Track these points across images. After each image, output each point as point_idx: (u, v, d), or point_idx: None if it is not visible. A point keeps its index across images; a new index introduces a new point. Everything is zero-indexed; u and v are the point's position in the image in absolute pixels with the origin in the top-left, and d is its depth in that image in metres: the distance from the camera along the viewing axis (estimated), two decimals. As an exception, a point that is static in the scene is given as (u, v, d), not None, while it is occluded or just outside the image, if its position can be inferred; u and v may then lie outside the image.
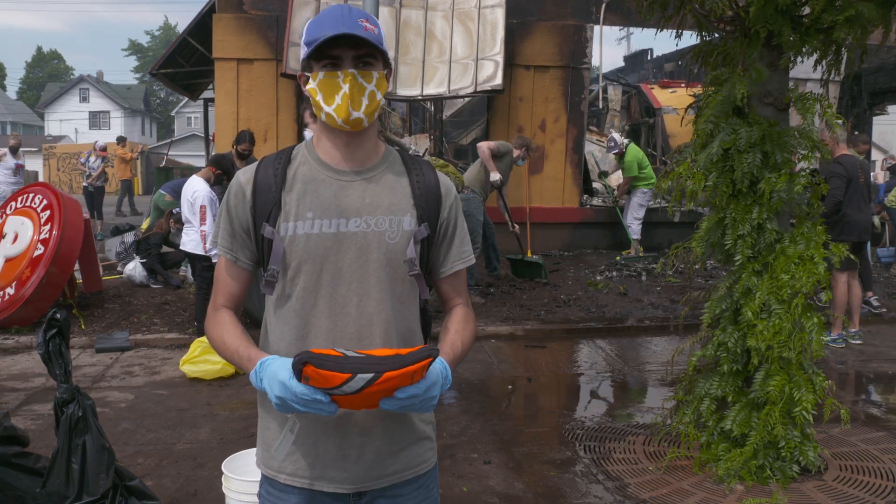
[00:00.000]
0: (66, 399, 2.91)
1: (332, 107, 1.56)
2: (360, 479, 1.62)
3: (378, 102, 1.59)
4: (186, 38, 11.20)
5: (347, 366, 1.35)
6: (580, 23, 10.50)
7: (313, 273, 1.59)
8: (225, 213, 1.65)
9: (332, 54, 1.55)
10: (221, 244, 1.66)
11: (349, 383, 1.35)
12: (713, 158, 3.79)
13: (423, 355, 1.38)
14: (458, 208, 1.73)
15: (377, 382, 1.35)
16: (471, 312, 1.75)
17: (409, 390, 1.38)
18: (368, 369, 1.35)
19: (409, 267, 1.62)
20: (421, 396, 1.40)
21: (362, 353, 1.41)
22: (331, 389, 1.37)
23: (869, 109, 13.75)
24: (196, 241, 6.37)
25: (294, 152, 1.67)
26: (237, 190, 1.64)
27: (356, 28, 1.52)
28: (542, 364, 6.21)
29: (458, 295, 1.75)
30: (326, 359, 1.36)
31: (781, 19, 3.63)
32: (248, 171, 1.66)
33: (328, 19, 1.54)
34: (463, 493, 3.77)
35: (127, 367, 5.97)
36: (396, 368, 1.35)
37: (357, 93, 1.55)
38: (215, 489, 3.68)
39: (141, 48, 61.91)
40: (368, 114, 1.57)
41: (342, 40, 1.53)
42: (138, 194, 24.98)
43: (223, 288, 1.68)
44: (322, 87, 1.56)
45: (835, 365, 6.24)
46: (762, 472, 3.77)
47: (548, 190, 10.60)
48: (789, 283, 3.65)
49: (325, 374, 1.35)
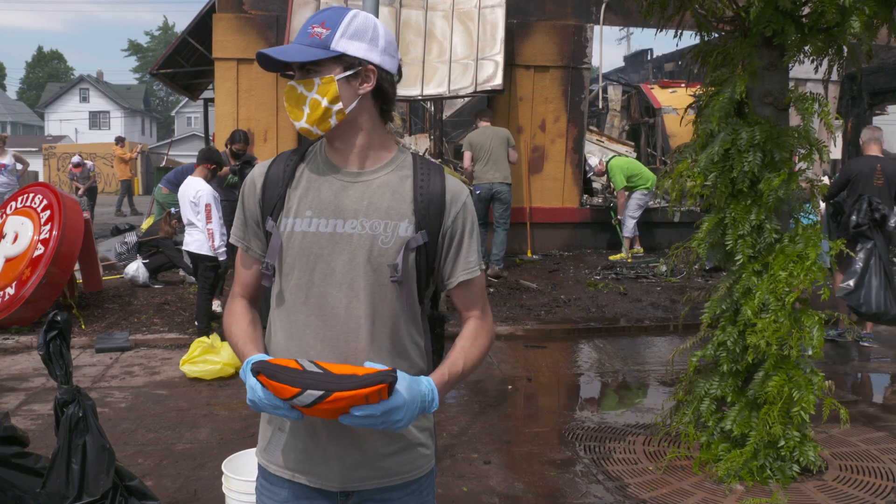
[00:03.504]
0: (66, 400, 2.91)
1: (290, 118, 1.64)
2: (346, 479, 1.62)
3: (326, 109, 1.57)
4: (186, 38, 11.20)
5: (300, 380, 1.38)
6: (580, 23, 10.50)
7: (306, 271, 1.60)
8: (240, 204, 1.71)
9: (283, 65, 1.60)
10: (235, 233, 1.72)
11: (299, 397, 1.38)
12: (713, 158, 3.79)
13: (377, 379, 1.38)
14: (467, 217, 1.66)
15: (327, 400, 1.37)
16: (485, 325, 1.70)
17: (365, 409, 1.38)
18: (319, 387, 1.37)
19: (391, 272, 1.58)
20: (379, 417, 1.39)
21: (322, 368, 1.43)
22: (285, 400, 1.40)
23: (869, 109, 13.75)
24: (199, 240, 6.35)
25: (310, 149, 1.70)
26: (251, 182, 1.69)
27: (301, 38, 1.57)
28: (542, 364, 6.21)
29: (472, 306, 1.70)
30: (279, 370, 1.40)
31: (783, 19, 3.63)
32: (263, 165, 1.70)
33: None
34: (463, 493, 3.77)
35: (127, 367, 5.97)
36: (347, 390, 1.36)
37: (294, 104, 1.60)
38: (215, 489, 3.68)
39: (141, 48, 61.90)
40: (314, 122, 1.58)
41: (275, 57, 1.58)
42: (138, 194, 25.00)
43: (239, 277, 1.74)
44: None
45: (835, 365, 6.24)
46: (762, 472, 3.77)
47: (548, 190, 10.60)
48: (787, 280, 3.65)
49: (276, 386, 1.39)
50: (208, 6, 10.26)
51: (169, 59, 11.93)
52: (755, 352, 3.71)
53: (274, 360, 1.45)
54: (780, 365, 3.71)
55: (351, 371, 1.42)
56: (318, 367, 1.43)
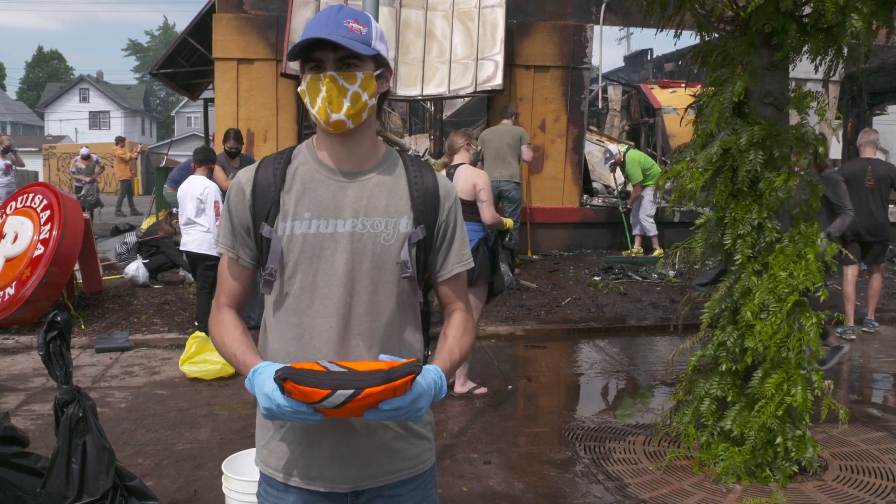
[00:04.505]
0: (66, 400, 2.92)
1: (315, 109, 1.57)
2: (356, 479, 1.63)
3: (364, 104, 1.58)
4: (186, 38, 11.20)
5: (328, 382, 1.36)
6: (580, 23, 10.50)
7: (309, 273, 1.59)
8: (226, 212, 1.67)
9: (315, 57, 1.56)
10: (223, 242, 1.68)
11: (329, 399, 1.36)
12: (713, 158, 3.80)
13: (406, 371, 1.38)
14: (458, 211, 1.72)
15: (358, 398, 1.35)
16: (470, 318, 1.74)
17: (393, 402, 1.39)
18: (349, 385, 1.35)
19: (402, 269, 1.62)
20: (406, 408, 1.41)
21: (345, 367, 1.42)
22: (312, 404, 1.38)
23: (869, 109, 13.75)
24: (199, 240, 6.30)
25: (295, 152, 1.68)
26: (237, 189, 1.65)
27: (338, 30, 1.53)
28: (542, 364, 6.21)
29: (458, 299, 1.74)
30: (307, 374, 1.37)
31: (783, 18, 3.63)
32: (249, 171, 1.67)
33: (316, 21, 1.56)
34: (463, 493, 3.77)
35: (127, 367, 5.97)
36: (378, 385, 1.36)
37: (336, 95, 1.56)
38: (215, 489, 3.68)
39: (141, 48, 61.93)
40: (351, 115, 1.57)
41: (321, 43, 1.54)
42: (138, 194, 24.99)
43: (226, 287, 1.69)
44: (308, 89, 1.58)
45: (834, 364, 6.24)
46: (761, 471, 3.77)
47: (548, 190, 10.59)
48: (787, 280, 3.65)
49: (305, 391, 1.36)
50: (208, 6, 10.26)
51: (169, 59, 11.93)
52: (754, 354, 3.71)
53: (297, 365, 1.41)
54: (779, 365, 3.71)
55: (374, 367, 1.41)
56: (340, 367, 1.42)
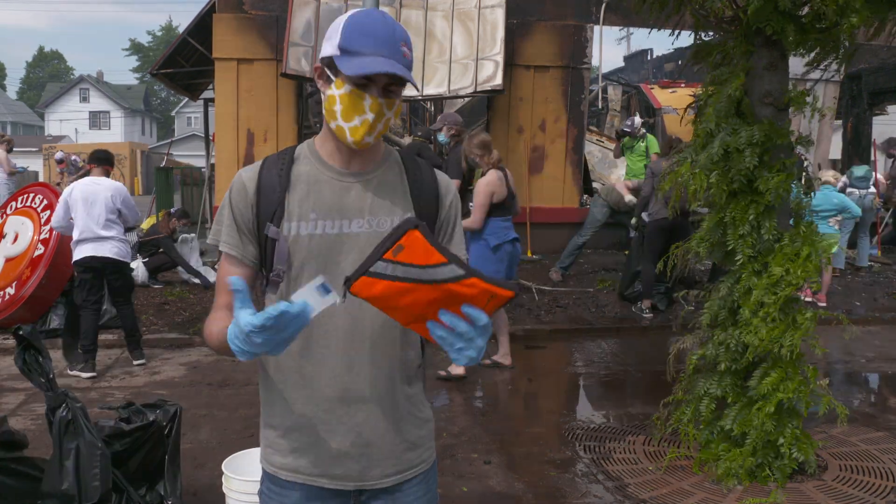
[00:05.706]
0: (54, 405, 2.90)
1: (349, 124, 1.54)
2: (362, 478, 1.63)
3: (389, 124, 1.59)
4: (186, 38, 11.19)
5: (448, 254, 1.30)
6: (580, 23, 10.50)
7: (316, 272, 1.58)
8: (229, 212, 1.63)
9: (368, 76, 1.52)
10: (227, 241, 1.63)
11: (440, 268, 1.28)
12: (714, 158, 3.80)
13: (511, 286, 1.31)
14: (458, 207, 1.73)
15: (462, 282, 1.28)
16: None
17: (476, 312, 1.30)
18: (462, 267, 1.29)
19: None
20: (479, 328, 1.31)
21: None
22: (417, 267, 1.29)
23: (869, 109, 13.74)
24: None
25: (297, 153, 1.67)
26: (240, 188, 1.63)
27: (396, 55, 1.51)
28: (542, 364, 6.21)
29: None
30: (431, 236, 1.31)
31: (782, 18, 3.63)
32: (251, 170, 1.65)
33: (373, 36, 1.50)
34: (463, 493, 3.77)
35: (127, 368, 5.97)
36: (485, 282, 1.29)
37: (377, 121, 1.55)
38: (215, 489, 3.68)
39: (141, 48, 61.89)
40: (378, 136, 1.58)
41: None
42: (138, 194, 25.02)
43: (225, 287, 1.64)
44: (345, 101, 1.54)
45: (834, 364, 6.24)
46: (761, 470, 3.77)
47: (548, 190, 10.59)
48: (783, 278, 3.66)
49: (429, 248, 1.29)
50: (208, 6, 10.26)
51: (169, 59, 11.93)
52: (753, 351, 3.71)
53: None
54: (778, 364, 3.71)
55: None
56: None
